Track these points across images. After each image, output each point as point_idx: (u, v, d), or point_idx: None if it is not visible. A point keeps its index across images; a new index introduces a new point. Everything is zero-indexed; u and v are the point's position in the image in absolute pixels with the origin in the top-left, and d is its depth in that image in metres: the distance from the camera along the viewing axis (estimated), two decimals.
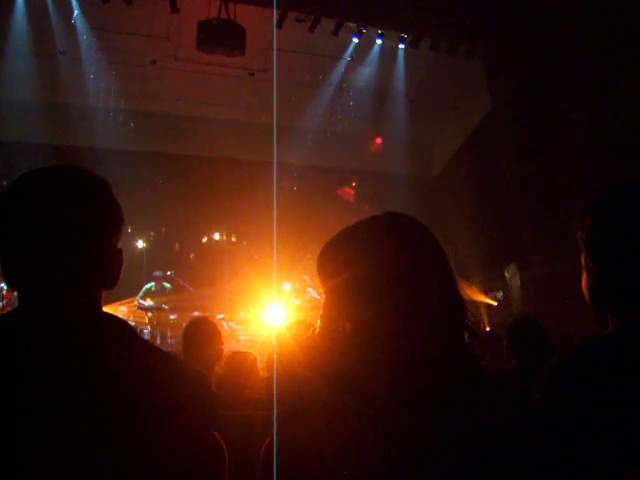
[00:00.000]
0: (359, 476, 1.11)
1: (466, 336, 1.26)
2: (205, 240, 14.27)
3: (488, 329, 10.35)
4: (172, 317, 11.22)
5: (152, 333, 10.81)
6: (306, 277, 11.87)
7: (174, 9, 9.77)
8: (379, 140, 14.01)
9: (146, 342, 1.39)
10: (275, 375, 3.24)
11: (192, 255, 14.02)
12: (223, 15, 10.03)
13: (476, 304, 11.25)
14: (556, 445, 1.19)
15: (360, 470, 1.11)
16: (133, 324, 10.08)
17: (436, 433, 1.10)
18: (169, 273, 11.84)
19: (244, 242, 14.25)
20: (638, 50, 7.23)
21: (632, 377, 1.24)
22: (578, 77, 8.36)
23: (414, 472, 1.10)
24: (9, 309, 1.27)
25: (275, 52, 10.69)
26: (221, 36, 9.89)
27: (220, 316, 11.13)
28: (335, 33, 10.56)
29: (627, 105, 7.64)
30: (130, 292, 10.84)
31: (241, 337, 11.48)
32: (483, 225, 11.70)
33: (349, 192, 14.07)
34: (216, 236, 14.23)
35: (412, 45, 11.18)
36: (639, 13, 7.04)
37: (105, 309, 1.31)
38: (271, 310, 11.68)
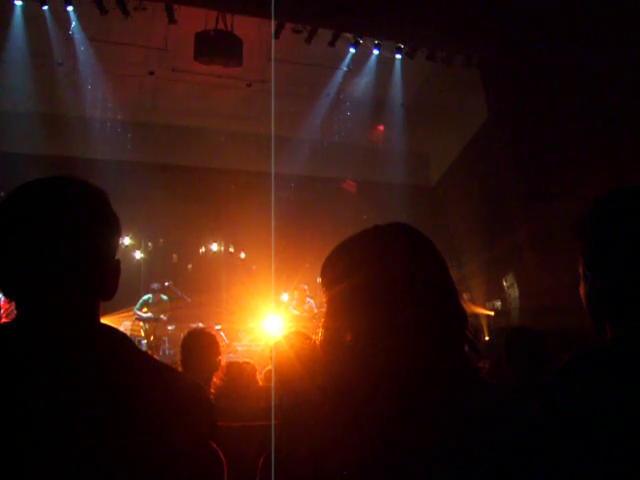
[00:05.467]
0: None
1: (466, 347, 1.26)
2: (203, 251, 14.26)
3: (487, 338, 10.34)
4: (170, 328, 11.21)
5: (149, 344, 10.79)
6: (305, 287, 11.86)
7: (172, 20, 9.81)
8: (381, 127, 14.00)
9: (143, 353, 1.38)
10: (273, 385, 3.23)
11: (190, 266, 14.01)
12: (220, 26, 10.08)
13: (476, 314, 11.25)
14: (556, 456, 1.18)
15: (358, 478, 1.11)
16: (131, 335, 10.07)
17: (435, 444, 1.10)
18: (167, 284, 11.83)
19: (242, 252, 14.24)
20: (638, 58, 7.27)
21: (632, 386, 1.23)
22: (576, 84, 8.40)
23: None
24: (5, 320, 1.26)
25: (273, 63, 10.73)
26: (219, 47, 9.94)
27: (218, 327, 11.11)
28: (332, 44, 10.61)
29: (626, 112, 7.67)
30: (128, 303, 10.81)
31: (239, 347, 11.46)
32: (481, 234, 11.71)
33: (351, 184, 14.07)
34: (214, 247, 14.22)
35: (409, 55, 11.23)
36: (636, 22, 7.08)
37: (103, 320, 1.31)
38: (269, 320, 11.66)
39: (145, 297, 11.31)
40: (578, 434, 1.22)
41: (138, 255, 13.30)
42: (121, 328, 9.23)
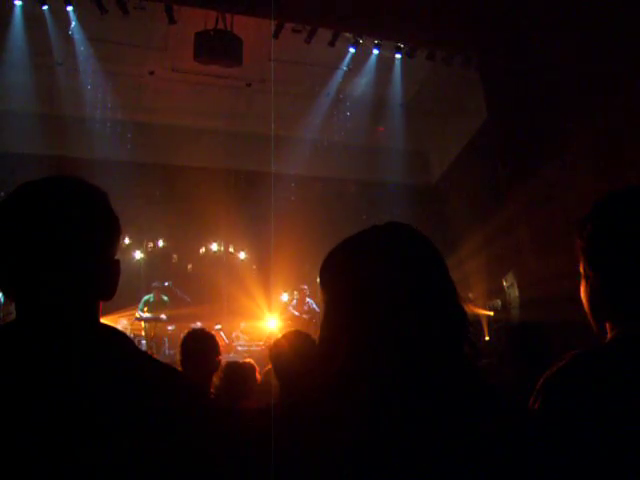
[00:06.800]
0: None
1: (466, 347, 1.26)
2: (203, 251, 14.25)
3: (487, 338, 10.34)
4: (170, 328, 11.22)
5: (149, 344, 10.79)
6: (305, 287, 11.86)
7: (171, 20, 9.81)
8: (381, 129, 14.00)
9: (144, 353, 1.38)
10: (273, 385, 3.23)
11: (190, 266, 13.99)
12: (220, 26, 10.07)
13: (477, 314, 11.25)
14: (554, 456, 1.18)
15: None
16: (131, 335, 10.08)
17: (435, 443, 1.10)
18: (167, 284, 11.83)
19: (241, 252, 14.24)
20: (636, 60, 7.27)
21: (631, 386, 1.23)
22: (575, 86, 8.40)
23: None
24: (7, 320, 1.26)
25: (272, 63, 10.73)
26: (218, 47, 9.94)
27: (218, 326, 11.12)
28: (332, 43, 10.61)
29: (623, 112, 7.68)
30: (128, 303, 10.82)
31: (239, 347, 11.47)
32: (481, 233, 11.71)
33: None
34: (214, 247, 14.21)
35: (408, 55, 11.24)
36: (636, 24, 7.08)
37: (103, 320, 1.31)
38: (269, 320, 11.68)
39: (146, 297, 11.33)
40: (577, 434, 1.22)
41: (138, 255, 13.29)
42: (118, 327, 9.23)
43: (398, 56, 11.76)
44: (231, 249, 14.33)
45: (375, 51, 11.61)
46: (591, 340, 1.44)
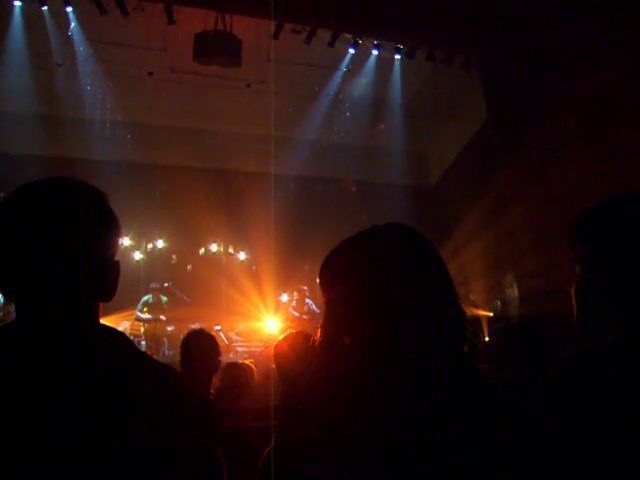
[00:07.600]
0: None
1: (466, 348, 1.26)
2: (202, 251, 14.24)
3: (487, 339, 10.33)
4: (169, 329, 11.21)
5: (148, 345, 10.79)
6: (305, 287, 11.85)
7: (171, 21, 9.80)
8: (381, 126, 13.98)
9: (143, 354, 1.38)
10: (274, 386, 3.23)
11: (189, 266, 13.98)
12: (220, 27, 10.07)
13: (476, 315, 11.23)
14: (555, 455, 1.18)
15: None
16: (131, 336, 10.07)
17: (436, 444, 1.10)
18: (166, 284, 11.83)
19: (241, 253, 14.24)
20: (637, 61, 7.28)
21: (631, 386, 1.23)
22: (575, 86, 8.40)
23: None
24: (7, 320, 1.26)
25: (272, 63, 10.73)
26: (218, 47, 9.94)
27: (218, 327, 11.11)
28: (331, 44, 10.61)
29: (624, 112, 7.68)
30: (127, 304, 10.81)
31: (239, 348, 11.47)
32: (480, 234, 11.71)
33: (350, 183, 14.10)
34: (213, 247, 14.20)
35: (408, 56, 11.22)
36: (636, 25, 7.09)
37: (102, 321, 1.31)
38: (269, 321, 11.68)
39: (145, 298, 11.32)
40: (577, 434, 1.22)
41: (137, 256, 13.28)
42: (120, 328, 9.23)
43: (398, 57, 11.75)
44: (231, 250, 14.32)
45: (375, 52, 11.60)
46: (590, 341, 1.44)
